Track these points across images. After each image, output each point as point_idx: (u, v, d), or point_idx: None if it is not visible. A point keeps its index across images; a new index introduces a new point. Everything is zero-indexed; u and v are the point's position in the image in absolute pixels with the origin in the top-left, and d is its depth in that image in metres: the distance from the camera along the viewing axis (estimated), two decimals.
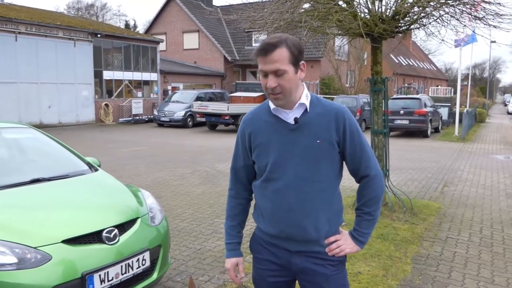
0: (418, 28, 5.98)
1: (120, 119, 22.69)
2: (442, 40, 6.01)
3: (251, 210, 2.08)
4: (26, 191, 3.26)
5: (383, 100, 6.02)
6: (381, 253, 4.49)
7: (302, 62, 1.81)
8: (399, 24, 5.67)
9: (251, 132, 1.93)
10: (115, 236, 3.00)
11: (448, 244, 4.91)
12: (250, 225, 2.08)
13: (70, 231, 2.83)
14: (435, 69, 59.50)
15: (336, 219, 1.92)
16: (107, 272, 2.86)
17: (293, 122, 1.84)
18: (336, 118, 1.82)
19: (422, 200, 6.86)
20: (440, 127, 19.96)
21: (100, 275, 2.82)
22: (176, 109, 20.38)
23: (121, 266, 2.95)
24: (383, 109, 6.03)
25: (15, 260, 2.61)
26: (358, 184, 1.95)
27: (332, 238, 1.90)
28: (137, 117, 23.26)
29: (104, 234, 2.95)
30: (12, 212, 2.97)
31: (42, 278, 2.61)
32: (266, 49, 1.74)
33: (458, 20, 5.61)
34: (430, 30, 5.95)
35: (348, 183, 7.98)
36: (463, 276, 4.03)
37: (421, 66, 51.76)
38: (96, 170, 3.99)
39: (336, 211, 1.92)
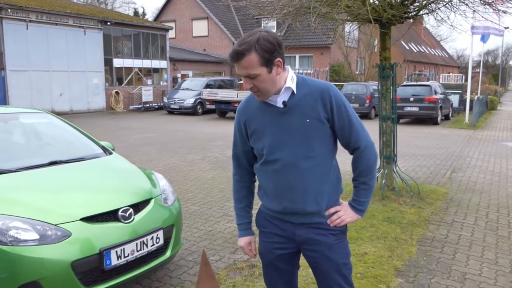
0: (427, 13, 5.99)
1: (130, 107, 22.89)
2: (451, 25, 6.02)
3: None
4: (45, 173, 3.40)
5: (391, 86, 6.07)
6: (387, 235, 4.60)
7: (278, 59, 1.85)
8: (408, 10, 5.69)
9: (246, 120, 2.03)
10: (130, 215, 3.14)
11: (453, 227, 4.99)
12: (256, 206, 2.19)
13: (88, 209, 2.98)
14: (446, 56, 58.77)
15: (334, 190, 2.02)
16: (123, 248, 3.01)
17: (282, 106, 1.92)
18: (322, 96, 1.89)
19: (429, 186, 6.92)
20: (450, 114, 19.83)
21: (116, 251, 2.96)
22: (186, 97, 20.50)
23: (136, 243, 3.10)
24: (392, 95, 6.08)
25: (37, 236, 2.76)
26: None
27: (332, 210, 2.00)
28: (147, 105, 23.44)
29: (120, 213, 3.10)
30: (33, 192, 3.12)
31: (62, 253, 2.76)
32: (235, 57, 1.82)
33: (467, 5, 5.61)
34: (440, 16, 5.97)
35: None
36: (467, 258, 4.12)
37: (433, 53, 51.16)
38: (111, 153, 4.13)
39: (334, 183, 2.01)
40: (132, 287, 3.53)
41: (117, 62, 22.90)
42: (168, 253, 3.43)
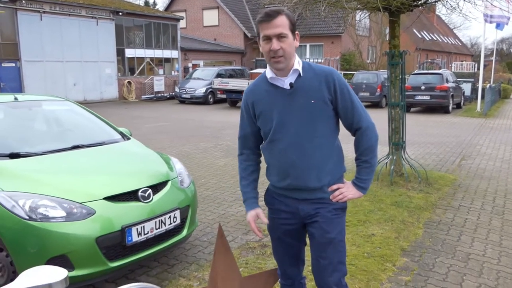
0: (436, 1, 6.05)
1: (142, 96, 23.15)
2: (460, 12, 6.08)
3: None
4: (68, 156, 3.61)
5: (400, 74, 6.16)
6: (395, 218, 4.75)
7: (297, 32, 2.03)
8: None
9: (253, 102, 2.13)
10: (149, 195, 3.34)
11: (460, 211, 5.12)
12: (264, 186, 2.33)
13: (111, 189, 3.18)
14: (460, 44, 57.99)
15: (337, 168, 2.13)
16: (143, 226, 3.21)
17: (289, 87, 2.04)
18: (326, 80, 2.02)
19: (438, 172, 7.03)
20: (462, 103, 19.74)
21: (137, 229, 3.16)
22: (197, 86, 20.67)
23: (155, 222, 3.30)
24: (400, 82, 6.17)
25: (64, 214, 2.97)
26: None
27: (335, 186, 2.11)
28: (159, 94, 23.67)
29: (139, 193, 3.29)
30: (58, 173, 3.33)
31: (88, 229, 2.97)
32: (270, 15, 1.94)
33: None
34: (449, 4, 6.03)
35: None
36: (472, 240, 4.26)
37: (445, 41, 50.52)
38: (128, 139, 4.33)
39: (336, 162, 2.12)
40: (150, 264, 3.74)
41: (129, 52, 23.13)
42: (184, 232, 3.63)
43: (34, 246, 2.90)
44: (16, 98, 4.10)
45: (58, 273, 1.53)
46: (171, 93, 23.67)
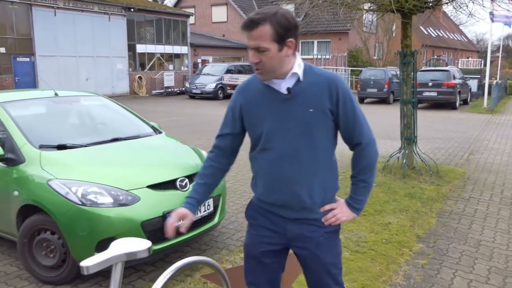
0: (447, 3, 6.30)
1: (153, 91, 23.49)
2: (470, 13, 6.32)
3: (249, 180, 2.09)
4: (109, 148, 3.91)
5: (412, 72, 6.42)
6: (409, 208, 5.03)
7: (291, 39, 1.75)
8: (429, 0, 6.01)
9: (243, 101, 1.92)
10: (186, 184, 3.64)
11: (470, 202, 5.39)
12: (249, 196, 2.25)
13: (152, 178, 3.47)
14: (466, 40, 57.87)
15: (331, 186, 1.92)
16: None
17: (286, 92, 1.82)
18: (329, 87, 1.80)
19: (448, 166, 7.29)
20: (469, 99, 19.93)
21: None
22: (207, 82, 20.98)
23: None
24: (412, 80, 6.44)
25: (111, 200, 3.27)
26: (382, 149, 2.18)
27: (327, 207, 1.90)
28: (169, 89, 24.01)
29: (177, 182, 3.59)
30: (103, 163, 3.63)
31: (134, 214, 3.27)
32: (248, 26, 1.73)
33: None
34: (459, 5, 6.28)
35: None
36: (482, 228, 4.53)
37: (452, 37, 50.48)
38: (160, 132, 4.62)
39: (331, 178, 1.91)
40: (183, 249, 4.04)
41: (140, 48, 23.47)
42: (216, 219, 3.93)
43: (85, 229, 3.20)
44: (56, 94, 4.40)
45: (143, 244, 1.85)
46: (181, 88, 24.00)
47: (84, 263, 1.58)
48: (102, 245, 3.14)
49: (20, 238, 3.38)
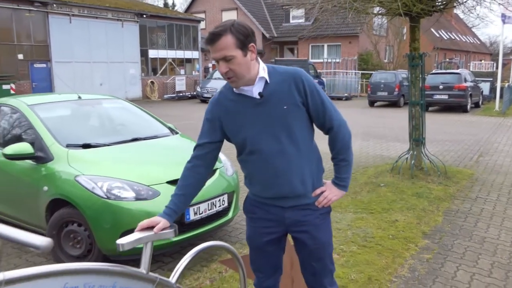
0: (455, 6, 6.46)
1: (164, 96, 23.86)
2: (478, 15, 6.48)
3: (242, 178, 2.22)
4: (130, 147, 4.16)
5: (420, 74, 6.58)
6: (416, 207, 5.18)
7: (251, 44, 1.91)
8: (436, 4, 6.18)
9: (221, 112, 2.04)
10: None
11: (477, 202, 5.52)
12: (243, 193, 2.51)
13: (171, 175, 3.69)
14: (478, 42, 57.51)
15: (317, 169, 2.11)
16: (199, 207, 3.73)
17: (258, 96, 1.96)
18: (295, 82, 1.96)
19: (456, 167, 7.41)
20: (480, 102, 19.90)
21: (193, 209, 3.69)
22: (219, 86, 21.16)
23: (208, 203, 3.82)
24: (420, 82, 6.59)
25: (134, 194, 3.51)
26: (391, 151, 2.38)
27: (318, 191, 2.09)
28: (181, 94, 24.36)
29: None
30: (125, 160, 3.88)
31: (154, 207, 3.47)
32: (212, 39, 1.86)
33: None
34: (467, 8, 6.44)
35: (385, 152, 8.62)
36: (488, 226, 4.68)
37: (464, 40, 50.24)
38: (177, 133, 4.86)
39: (316, 163, 2.11)
40: (197, 243, 4.23)
41: (152, 53, 23.88)
42: (230, 214, 4.15)
43: (109, 222, 3.44)
44: (79, 97, 4.67)
45: (170, 227, 2.07)
46: (192, 93, 24.33)
47: (120, 241, 1.81)
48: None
49: (49, 230, 3.63)
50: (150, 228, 1.97)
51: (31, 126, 4.01)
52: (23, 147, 3.75)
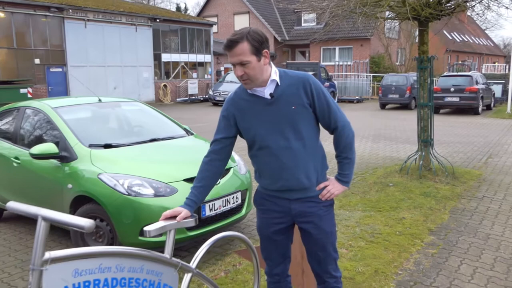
0: (463, 10, 6.60)
1: (177, 99, 24.20)
2: (486, 19, 6.61)
3: (252, 173, 2.45)
4: (149, 147, 4.39)
5: (429, 77, 6.73)
6: (423, 205, 5.33)
7: (265, 50, 2.11)
8: (444, 8, 6.33)
9: (235, 110, 2.25)
10: None
11: (483, 201, 5.65)
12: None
13: (188, 173, 3.91)
14: (492, 45, 57.03)
15: (321, 166, 2.30)
16: (214, 203, 3.94)
17: (269, 97, 2.16)
18: (303, 85, 2.16)
19: (465, 168, 7.52)
20: (492, 105, 19.84)
21: (209, 205, 3.90)
22: (231, 89, 21.43)
23: (222, 200, 4.03)
24: (429, 85, 6.74)
25: (152, 191, 3.73)
26: (400, 153, 2.57)
27: (322, 185, 2.27)
28: (193, 97, 24.68)
29: None
30: (145, 159, 4.11)
31: (172, 204, 3.67)
32: (230, 45, 2.07)
33: (500, 2, 6.19)
34: (476, 13, 6.58)
35: (394, 154, 8.77)
36: (492, 223, 4.81)
37: (477, 42, 49.86)
38: (192, 134, 5.08)
39: (320, 160, 2.29)
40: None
41: (165, 57, 24.26)
42: (243, 211, 4.35)
43: (130, 217, 3.66)
44: (100, 100, 4.92)
45: (191, 216, 2.28)
46: (204, 96, 24.64)
47: (147, 228, 2.03)
48: None
49: None
50: (173, 217, 2.19)
51: (55, 128, 4.26)
52: (49, 147, 4.00)
